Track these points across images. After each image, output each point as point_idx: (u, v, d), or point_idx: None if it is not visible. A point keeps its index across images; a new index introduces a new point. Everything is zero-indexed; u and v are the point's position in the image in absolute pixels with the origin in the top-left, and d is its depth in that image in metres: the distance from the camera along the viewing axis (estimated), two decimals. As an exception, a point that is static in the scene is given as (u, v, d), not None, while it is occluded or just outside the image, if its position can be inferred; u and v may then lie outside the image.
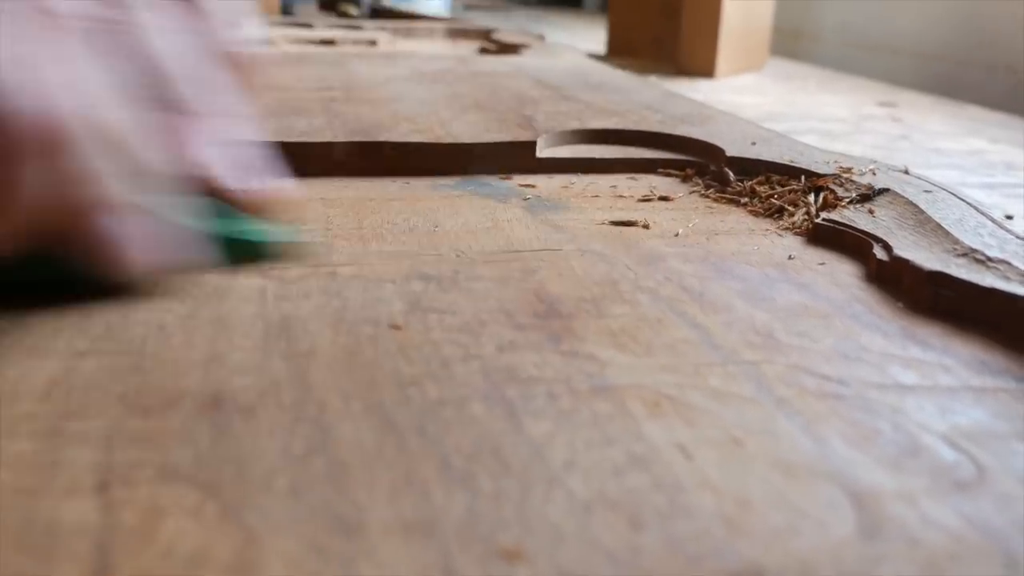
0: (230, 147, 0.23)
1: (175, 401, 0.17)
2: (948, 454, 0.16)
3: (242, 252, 0.23)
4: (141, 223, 0.20)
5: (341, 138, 0.34)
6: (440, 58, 0.61)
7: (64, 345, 0.19)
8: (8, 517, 0.13)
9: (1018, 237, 0.25)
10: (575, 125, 0.38)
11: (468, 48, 0.77)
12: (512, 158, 0.35)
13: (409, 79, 0.50)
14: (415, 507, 0.14)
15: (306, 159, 0.33)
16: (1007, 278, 0.22)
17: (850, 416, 0.17)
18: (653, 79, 0.75)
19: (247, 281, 0.23)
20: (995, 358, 0.20)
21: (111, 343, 0.19)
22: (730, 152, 0.34)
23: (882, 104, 0.69)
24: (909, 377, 0.19)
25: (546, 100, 0.45)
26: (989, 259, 0.23)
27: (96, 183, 0.19)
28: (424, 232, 0.27)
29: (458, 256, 0.25)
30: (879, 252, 0.25)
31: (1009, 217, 0.38)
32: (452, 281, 0.23)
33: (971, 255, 0.24)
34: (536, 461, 0.15)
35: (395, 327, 0.20)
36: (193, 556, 0.12)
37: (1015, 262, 0.23)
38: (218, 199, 0.22)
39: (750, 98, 0.69)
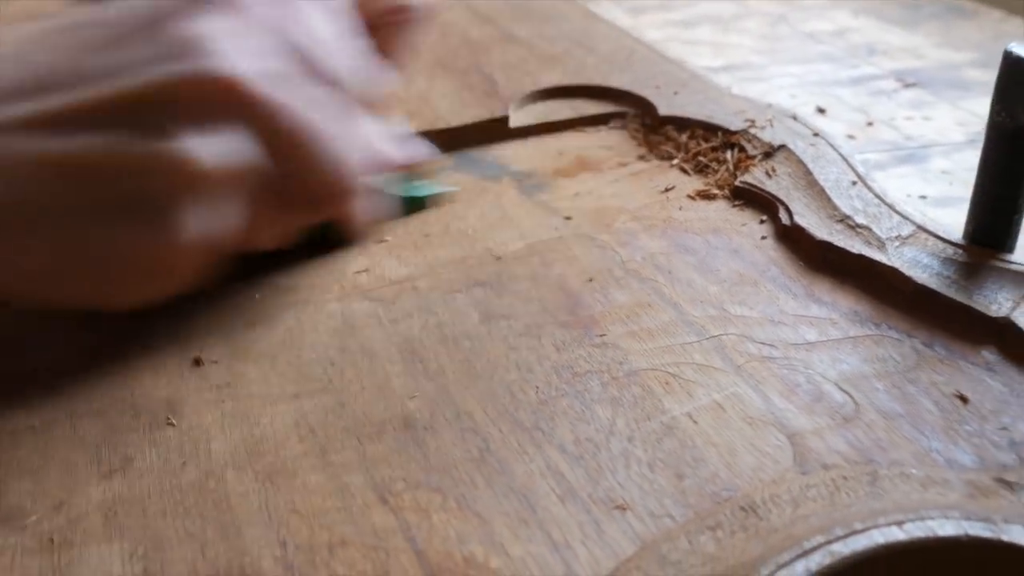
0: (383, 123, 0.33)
1: (382, 428, 0.27)
2: (838, 396, 0.28)
3: (412, 206, 0.37)
4: (369, 198, 0.33)
5: (358, 136, 0.42)
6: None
7: (279, 391, 0.28)
8: (342, 527, 0.23)
9: (876, 196, 0.36)
10: (529, 83, 0.47)
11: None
12: (491, 129, 0.43)
13: (362, 22, 0.56)
14: (558, 482, 0.25)
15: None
16: (869, 243, 0.33)
17: (781, 374, 0.29)
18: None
19: (360, 306, 0.32)
20: (864, 308, 0.32)
21: (310, 384, 0.28)
22: (661, 109, 0.44)
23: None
24: (812, 334, 0.30)
25: (493, 44, 0.52)
26: (858, 225, 0.34)
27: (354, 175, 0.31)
28: (458, 232, 0.36)
29: (493, 255, 0.35)
30: (783, 216, 0.36)
31: (870, 124, 0.49)
32: (501, 285, 0.33)
33: (845, 221, 0.35)
34: (611, 438, 0.26)
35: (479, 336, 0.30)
36: (460, 535, 0.23)
37: (874, 227, 0.34)
38: (390, 168, 0.34)
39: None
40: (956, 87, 0.53)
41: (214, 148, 0.27)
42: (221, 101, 0.27)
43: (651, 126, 0.44)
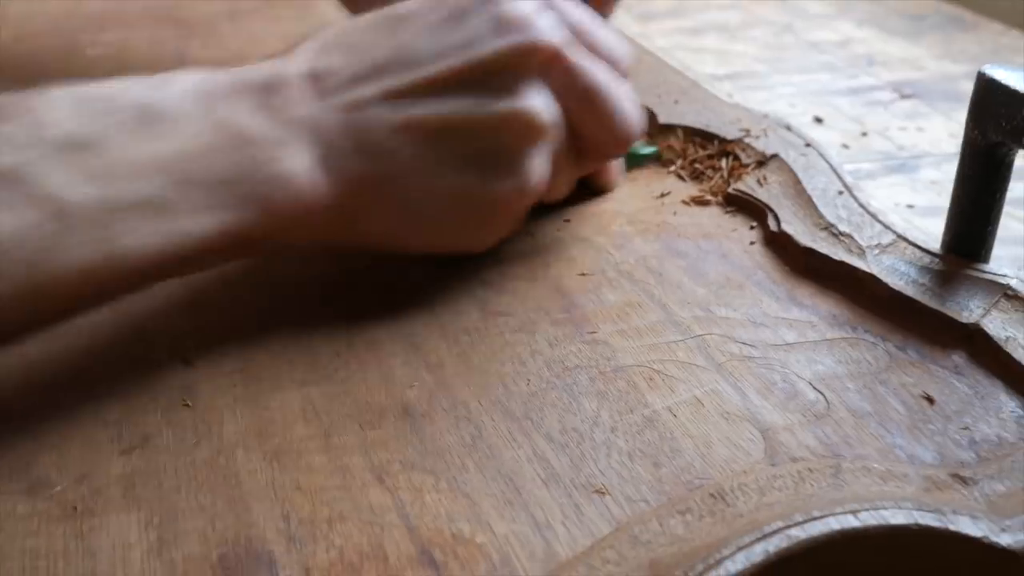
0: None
1: (382, 414, 0.29)
2: (811, 394, 0.29)
3: (637, 162, 0.42)
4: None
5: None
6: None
7: (288, 379, 0.30)
8: (341, 504, 0.25)
9: (860, 205, 0.38)
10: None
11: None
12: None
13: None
14: (543, 467, 0.27)
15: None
16: (850, 250, 0.35)
17: (759, 373, 0.30)
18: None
19: (368, 302, 0.34)
20: (842, 312, 0.33)
21: (317, 373, 0.30)
22: (661, 117, 0.46)
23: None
24: (791, 335, 0.32)
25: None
26: (841, 233, 0.36)
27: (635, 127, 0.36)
28: (461, 232, 0.38)
29: (494, 255, 0.36)
30: (771, 223, 0.38)
31: (864, 133, 0.50)
32: (501, 284, 0.35)
33: (829, 229, 0.36)
34: (595, 428, 0.28)
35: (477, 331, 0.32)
36: (450, 514, 0.25)
37: (856, 235, 0.36)
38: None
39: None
40: (951, 99, 0.54)
41: (550, 104, 0.32)
42: (546, 65, 0.32)
43: (651, 133, 0.45)
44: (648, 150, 0.44)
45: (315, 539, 0.24)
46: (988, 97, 0.31)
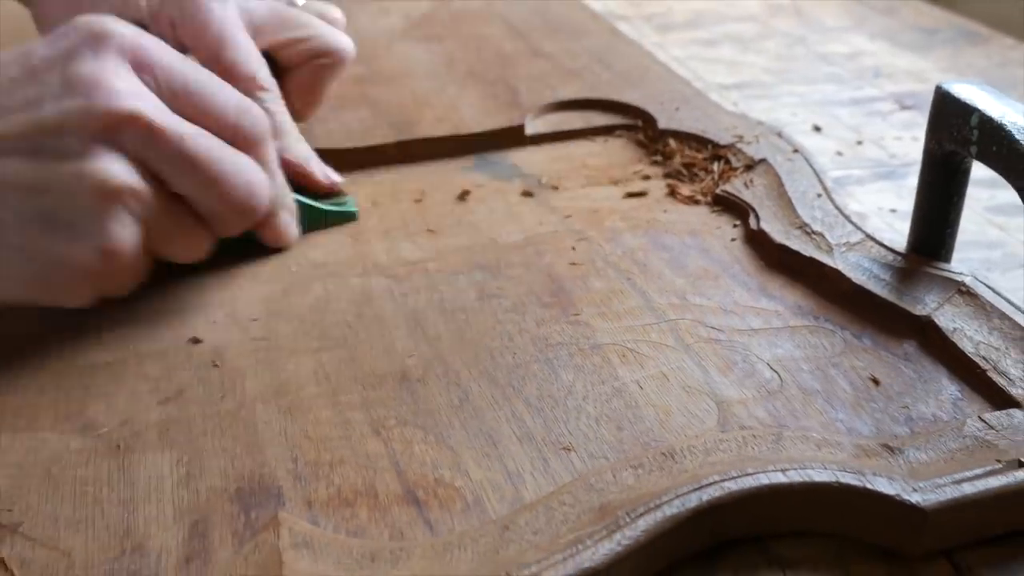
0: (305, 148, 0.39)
1: (382, 378, 0.33)
2: (768, 373, 0.33)
3: (323, 219, 0.41)
4: (292, 212, 0.39)
5: (390, 137, 0.48)
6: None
7: (304, 346, 0.34)
8: (341, 450, 0.29)
9: (836, 207, 0.41)
10: (548, 95, 0.52)
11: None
12: (509, 136, 0.49)
13: (405, 35, 0.63)
14: (519, 427, 0.30)
15: (364, 154, 0.47)
16: (820, 247, 0.38)
17: (722, 354, 0.34)
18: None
19: (377, 281, 0.38)
20: (807, 303, 0.37)
21: (329, 341, 0.34)
22: (660, 123, 0.49)
23: (792, -14, 0.82)
24: (757, 322, 0.35)
25: (521, 58, 0.58)
26: (813, 232, 0.39)
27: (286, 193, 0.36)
28: (468, 224, 0.42)
29: (495, 244, 0.40)
30: (752, 221, 0.41)
31: (859, 142, 0.53)
32: (498, 269, 0.39)
33: (803, 228, 0.40)
34: (569, 396, 0.32)
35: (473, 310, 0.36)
36: (434, 462, 0.29)
37: (827, 234, 0.39)
38: (307, 186, 0.40)
39: (681, -10, 0.81)
40: (949, 111, 0.57)
41: (123, 167, 0.31)
42: (116, 129, 0.31)
43: (651, 137, 0.49)
44: (342, 209, 0.42)
45: (317, 478, 0.28)
46: (942, 109, 0.35)
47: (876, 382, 0.32)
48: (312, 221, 0.41)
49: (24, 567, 0.26)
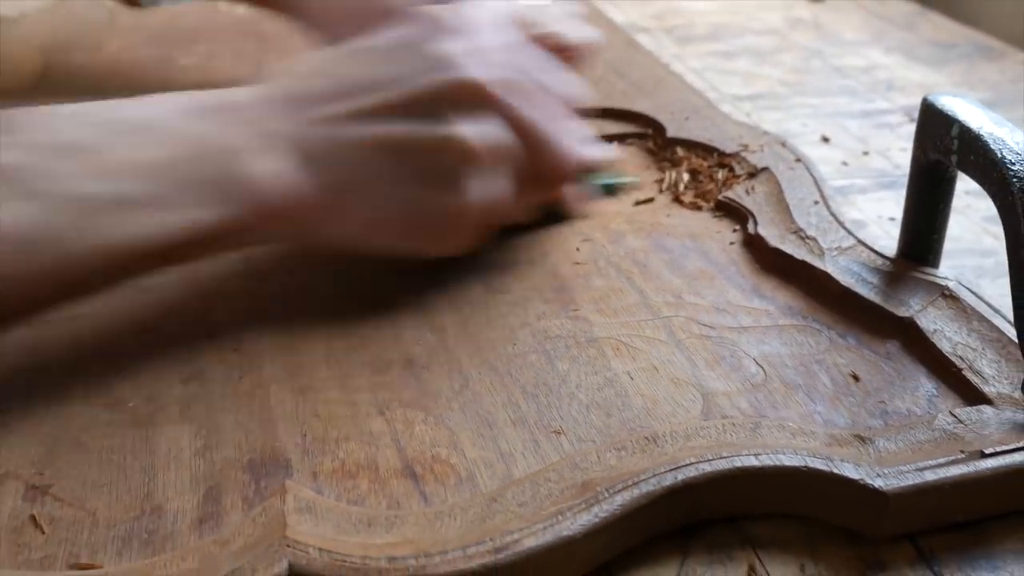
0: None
1: (389, 364, 0.35)
2: (754, 368, 0.35)
3: (608, 192, 0.45)
4: (582, 186, 0.42)
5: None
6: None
7: (320, 333, 0.37)
8: (347, 428, 0.32)
9: (831, 214, 0.43)
10: (564, 103, 0.54)
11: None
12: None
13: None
14: (514, 411, 0.32)
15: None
16: (812, 251, 0.40)
17: (712, 349, 0.36)
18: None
19: (390, 276, 0.40)
20: (797, 304, 0.38)
21: (342, 329, 0.37)
22: (669, 132, 0.51)
23: (812, 0, 0.84)
24: (747, 321, 0.37)
25: (540, 67, 0.60)
26: (807, 236, 0.41)
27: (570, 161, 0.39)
28: (479, 223, 0.44)
29: (503, 243, 0.42)
30: (751, 226, 0.43)
31: (865, 153, 0.54)
32: (506, 267, 0.41)
33: (798, 233, 0.41)
34: (563, 384, 0.34)
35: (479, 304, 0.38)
36: (432, 441, 0.31)
37: (820, 239, 0.41)
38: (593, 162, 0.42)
39: (703, 3, 0.83)
40: (957, 124, 0.58)
41: (478, 131, 0.36)
42: (474, 100, 0.36)
43: (660, 145, 0.51)
44: (625, 180, 0.47)
45: (324, 452, 0.31)
46: (927, 120, 0.36)
47: (856, 378, 0.34)
48: (606, 193, 0.46)
49: (53, 524, 0.28)
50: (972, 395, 0.32)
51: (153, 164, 0.32)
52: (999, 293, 0.40)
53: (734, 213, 0.45)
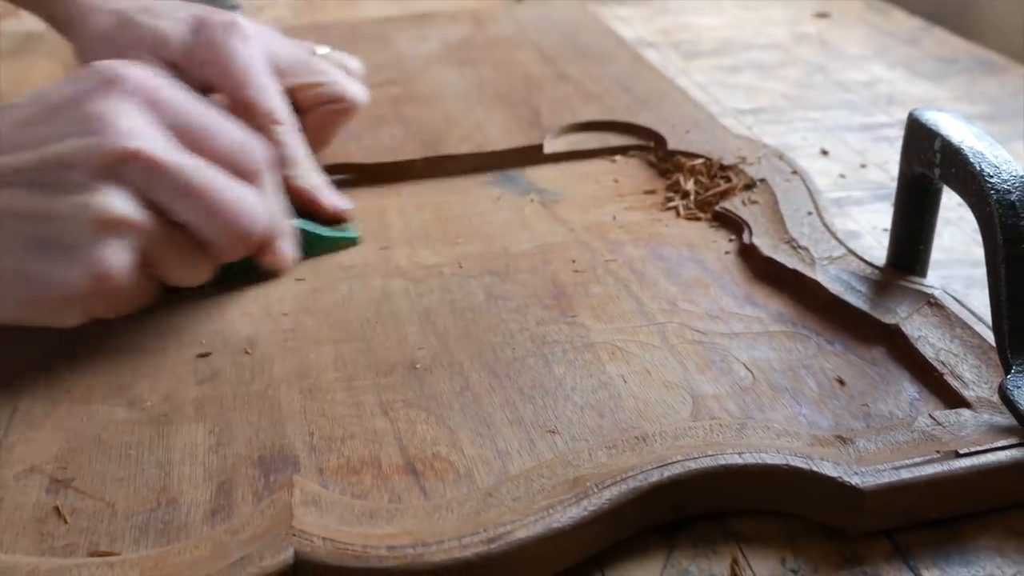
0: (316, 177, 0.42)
1: (394, 367, 0.36)
2: (743, 372, 0.36)
3: (322, 244, 0.44)
4: (285, 238, 0.41)
5: (419, 153, 0.52)
6: (459, 18, 0.77)
7: (327, 337, 0.38)
8: (353, 427, 0.33)
9: (824, 225, 0.44)
10: (568, 116, 0.56)
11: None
12: (528, 154, 0.53)
13: (442, 59, 0.67)
14: (512, 412, 0.34)
15: (394, 168, 0.51)
16: (803, 261, 0.41)
17: (704, 354, 0.37)
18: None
19: (397, 283, 0.42)
20: (788, 311, 0.40)
21: (349, 334, 0.38)
22: (670, 144, 0.52)
23: (818, 15, 0.85)
24: (739, 327, 0.39)
25: (547, 82, 0.62)
26: (799, 246, 0.42)
27: (284, 220, 0.40)
28: (483, 234, 0.46)
29: (506, 252, 0.44)
30: (746, 236, 0.44)
31: (863, 166, 0.56)
32: (506, 275, 0.42)
33: (790, 243, 0.43)
34: (559, 387, 0.35)
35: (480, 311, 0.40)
36: (433, 440, 0.33)
37: (812, 249, 0.42)
38: (312, 212, 0.43)
39: (710, 19, 0.85)
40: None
41: (124, 200, 0.34)
42: (119, 164, 0.34)
43: (661, 157, 0.52)
44: (340, 235, 0.45)
45: (330, 450, 0.32)
46: (912, 134, 0.38)
47: (841, 382, 0.35)
48: (311, 246, 0.44)
49: (75, 515, 0.30)
50: (952, 399, 0.34)
51: None
52: (987, 303, 0.41)
53: (730, 223, 0.46)
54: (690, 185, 0.49)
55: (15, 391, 0.36)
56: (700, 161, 0.51)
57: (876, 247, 0.47)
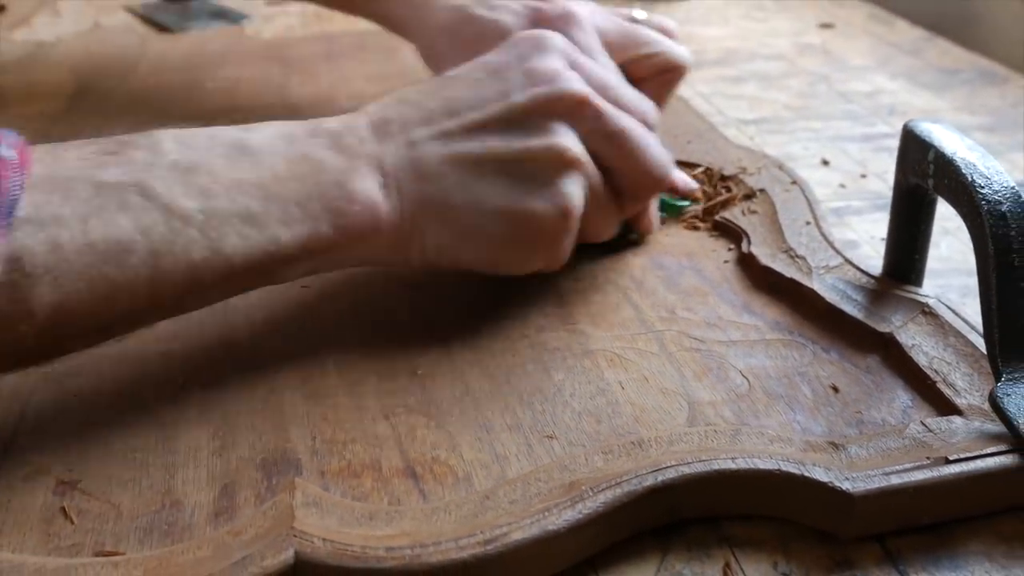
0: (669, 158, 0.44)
1: (397, 372, 0.37)
2: (739, 379, 0.37)
3: (674, 212, 0.48)
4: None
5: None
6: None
7: (332, 343, 0.39)
8: (354, 431, 0.34)
9: (821, 235, 0.44)
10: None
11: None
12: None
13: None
14: (511, 417, 0.35)
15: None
16: (801, 270, 0.42)
17: (701, 362, 0.38)
18: (637, 5, 0.92)
19: (401, 290, 0.43)
20: (785, 320, 0.40)
21: (353, 340, 0.39)
22: (672, 154, 0.53)
23: (823, 26, 0.85)
24: (736, 335, 0.39)
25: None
26: (796, 255, 0.43)
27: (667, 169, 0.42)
28: (486, 241, 0.47)
29: (508, 261, 0.45)
30: (744, 245, 0.45)
31: (863, 176, 0.56)
32: (511, 283, 0.43)
33: (788, 252, 0.43)
34: (558, 393, 0.36)
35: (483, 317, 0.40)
36: (432, 444, 0.33)
37: (809, 258, 0.42)
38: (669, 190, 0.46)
39: (714, 30, 0.85)
40: (955, 148, 0.59)
41: (578, 142, 0.38)
42: (573, 111, 0.38)
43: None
44: (684, 203, 0.49)
45: (331, 453, 0.33)
46: (907, 146, 0.38)
47: (836, 390, 0.36)
48: (669, 214, 0.48)
49: (81, 515, 0.31)
50: (945, 406, 0.34)
51: (256, 183, 0.34)
52: (981, 311, 0.42)
53: (730, 233, 0.47)
54: (699, 194, 0.50)
55: (24, 394, 0.37)
56: (701, 171, 0.52)
57: (874, 256, 0.47)
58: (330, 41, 0.77)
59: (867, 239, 0.49)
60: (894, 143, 0.62)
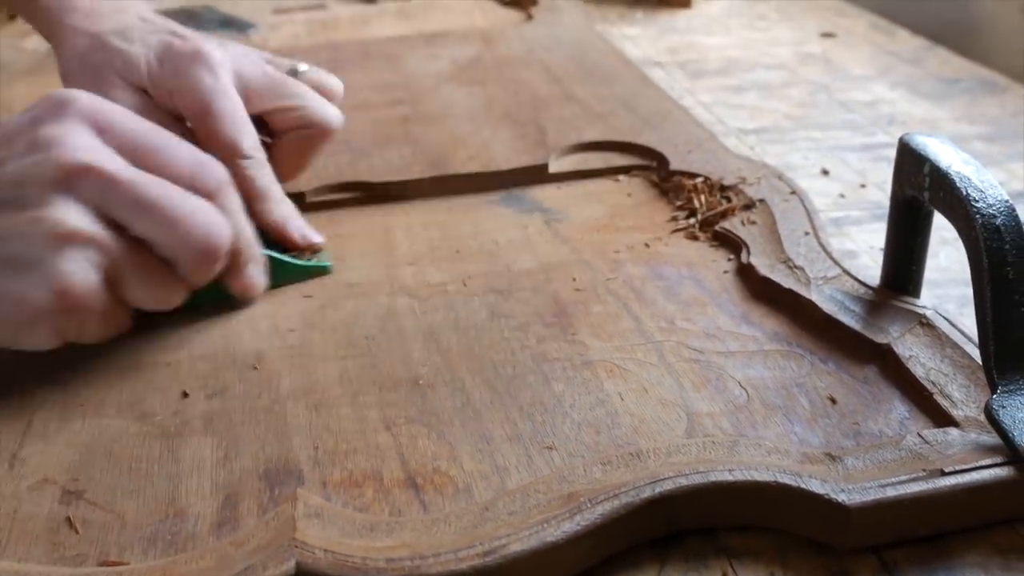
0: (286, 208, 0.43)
1: (398, 383, 0.37)
2: (737, 391, 0.37)
3: (292, 272, 0.44)
4: (260, 265, 0.41)
5: (426, 172, 0.53)
6: (469, 38, 0.78)
7: (333, 353, 0.39)
8: (356, 442, 0.34)
9: (820, 245, 0.45)
10: (574, 136, 0.57)
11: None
12: (533, 173, 0.54)
13: (451, 79, 0.69)
14: (511, 428, 0.35)
15: (402, 187, 0.53)
16: (799, 280, 0.42)
17: (700, 373, 0.38)
18: (639, 15, 0.93)
19: (402, 301, 0.43)
20: (783, 330, 0.40)
21: (354, 350, 0.40)
22: (672, 164, 0.53)
23: (824, 35, 0.86)
24: (735, 346, 0.39)
25: (554, 101, 0.63)
26: (795, 266, 0.43)
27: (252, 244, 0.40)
28: (487, 252, 0.47)
29: (510, 271, 0.45)
30: (744, 256, 0.45)
31: (863, 185, 0.57)
32: (509, 293, 0.43)
33: (787, 262, 0.44)
34: (558, 404, 0.36)
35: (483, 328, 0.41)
36: (434, 455, 0.34)
37: (807, 269, 0.43)
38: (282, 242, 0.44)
39: (717, 39, 0.86)
40: (955, 158, 0.60)
41: (80, 214, 0.34)
42: (74, 180, 0.34)
43: (663, 177, 0.53)
44: (310, 264, 0.45)
45: (333, 464, 0.33)
46: (903, 158, 0.38)
47: (833, 401, 0.36)
48: (279, 274, 0.44)
49: (86, 525, 0.31)
50: (941, 418, 0.34)
51: None
52: (979, 322, 0.42)
53: (729, 243, 0.47)
54: (697, 203, 0.50)
55: (30, 405, 0.37)
56: (700, 181, 0.52)
57: (872, 267, 0.48)
58: (335, 50, 0.77)
59: (866, 249, 0.50)
60: (893, 153, 0.63)
